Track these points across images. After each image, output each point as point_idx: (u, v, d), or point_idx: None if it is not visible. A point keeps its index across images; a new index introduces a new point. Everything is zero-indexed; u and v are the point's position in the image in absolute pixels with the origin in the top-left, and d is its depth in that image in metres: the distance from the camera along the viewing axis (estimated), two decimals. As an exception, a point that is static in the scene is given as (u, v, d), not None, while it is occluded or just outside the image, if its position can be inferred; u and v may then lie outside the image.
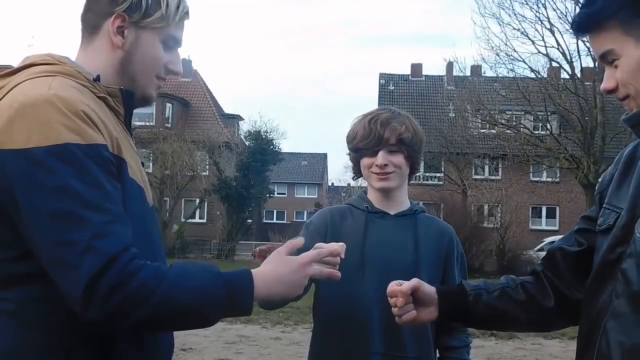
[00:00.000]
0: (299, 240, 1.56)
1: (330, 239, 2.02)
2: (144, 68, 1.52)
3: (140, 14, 1.47)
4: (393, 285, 1.68)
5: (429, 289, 1.72)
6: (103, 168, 1.33)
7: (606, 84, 1.46)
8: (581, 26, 1.50)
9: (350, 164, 2.26)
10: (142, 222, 1.45)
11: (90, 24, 1.50)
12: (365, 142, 2.11)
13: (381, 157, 2.10)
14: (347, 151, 2.23)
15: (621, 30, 1.41)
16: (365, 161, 2.15)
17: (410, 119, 2.19)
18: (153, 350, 1.48)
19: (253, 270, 1.45)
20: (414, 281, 1.69)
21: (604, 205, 1.57)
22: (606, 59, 1.45)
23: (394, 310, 1.69)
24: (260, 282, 1.42)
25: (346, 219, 2.15)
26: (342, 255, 1.63)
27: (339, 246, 1.62)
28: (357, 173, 2.24)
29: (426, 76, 39.22)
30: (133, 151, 1.54)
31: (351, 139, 2.17)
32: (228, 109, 42.06)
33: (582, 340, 1.53)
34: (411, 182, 2.39)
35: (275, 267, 1.47)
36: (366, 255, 2.05)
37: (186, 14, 1.56)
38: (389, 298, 1.69)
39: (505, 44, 24.58)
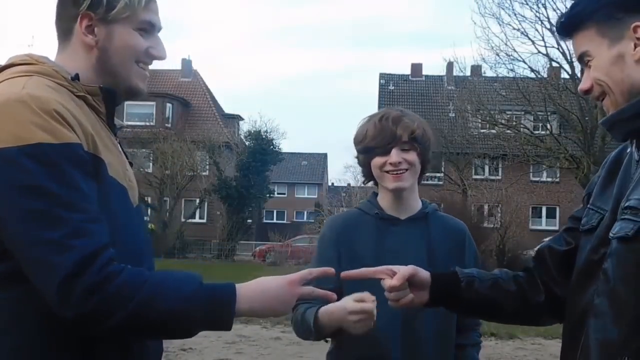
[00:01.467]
0: (327, 270, 1.56)
1: (344, 250, 2.02)
2: (122, 59, 1.50)
3: (104, 9, 1.46)
4: (383, 269, 1.70)
5: (424, 274, 1.74)
6: (78, 167, 1.32)
7: (582, 85, 1.51)
8: (563, 29, 1.56)
9: (350, 164, 2.25)
10: (125, 222, 1.44)
11: (63, 29, 1.50)
12: (377, 140, 2.06)
13: (395, 155, 2.04)
14: (355, 154, 2.16)
15: (597, 32, 1.46)
16: (377, 160, 2.07)
17: (419, 117, 2.17)
18: (139, 354, 1.46)
19: (238, 285, 1.42)
20: (411, 267, 1.71)
21: (588, 206, 1.61)
22: (583, 60, 1.51)
23: (389, 295, 1.69)
24: (243, 297, 1.39)
25: (357, 228, 2.10)
26: (334, 275, 1.59)
27: (332, 271, 1.58)
28: (368, 176, 2.17)
29: (426, 76, 39.23)
30: (116, 150, 1.52)
31: (360, 140, 2.11)
32: (228, 109, 42.10)
33: (567, 338, 1.57)
34: (411, 182, 2.33)
35: (263, 282, 1.45)
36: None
37: None
38: (382, 282, 1.69)
39: (505, 44, 24.56)
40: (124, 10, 1.47)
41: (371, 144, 2.07)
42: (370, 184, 2.21)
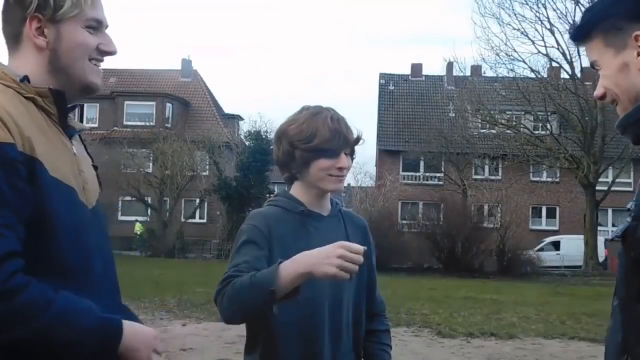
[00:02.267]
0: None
1: (276, 244, 1.99)
2: (73, 58, 1.51)
3: (52, 9, 1.47)
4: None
5: None
6: (4, 167, 1.31)
7: (596, 92, 1.56)
8: (573, 37, 1.63)
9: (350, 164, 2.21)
10: (69, 223, 1.43)
11: (12, 35, 1.50)
12: (330, 143, 2.03)
13: (345, 159, 2.06)
14: (287, 148, 2.08)
15: (603, 42, 1.51)
16: (323, 162, 2.04)
17: None
18: None
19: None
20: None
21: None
22: (594, 68, 1.57)
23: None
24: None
25: (283, 224, 2.07)
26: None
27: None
28: (299, 174, 2.12)
29: (426, 76, 39.24)
30: (66, 150, 1.50)
31: (309, 139, 2.03)
32: (228, 109, 42.12)
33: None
34: (411, 182, 2.37)
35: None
36: None
37: None
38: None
39: (505, 44, 24.68)
40: (71, 9, 1.48)
41: (324, 146, 2.03)
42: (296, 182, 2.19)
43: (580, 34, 1.57)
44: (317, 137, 2.02)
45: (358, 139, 2.12)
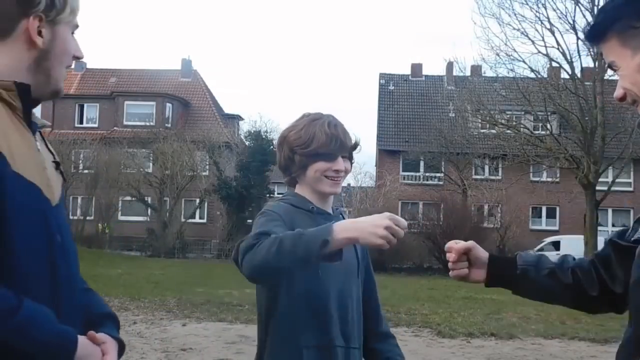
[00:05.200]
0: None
1: None
2: (59, 62, 1.53)
3: (56, 12, 1.48)
4: (450, 242, 1.85)
5: (482, 253, 1.86)
6: None
7: (615, 93, 1.55)
8: (588, 38, 1.61)
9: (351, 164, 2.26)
10: (34, 219, 1.40)
11: (0, 28, 1.48)
12: (328, 147, 2.13)
13: (342, 163, 2.16)
14: (288, 151, 2.17)
15: (619, 43, 1.48)
16: (320, 165, 2.14)
17: None
18: None
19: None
20: (470, 243, 1.84)
21: None
22: (612, 69, 1.54)
23: (449, 265, 1.84)
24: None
25: (298, 219, 2.13)
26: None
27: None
28: (298, 178, 2.20)
29: (426, 76, 39.22)
30: (30, 146, 1.47)
31: (307, 144, 2.14)
32: (228, 109, 42.11)
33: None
34: (411, 182, 2.42)
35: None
36: None
37: None
38: (447, 254, 1.83)
39: (505, 44, 24.54)
40: (70, 14, 1.51)
41: (321, 150, 2.13)
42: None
43: (594, 34, 1.55)
44: (314, 142, 2.13)
45: (355, 145, 2.23)
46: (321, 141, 2.13)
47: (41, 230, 1.41)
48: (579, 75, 25.01)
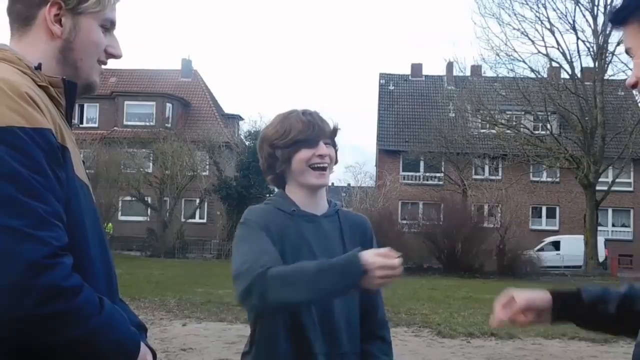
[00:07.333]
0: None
1: (276, 242, 2.00)
2: (86, 54, 1.47)
3: (76, 0, 1.43)
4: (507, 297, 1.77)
5: (542, 300, 1.75)
6: (48, 154, 1.25)
7: (628, 80, 1.51)
8: (611, 19, 1.56)
9: (350, 164, 2.24)
10: (94, 221, 1.39)
11: (22, 16, 1.43)
12: (306, 133, 2.08)
13: (324, 147, 2.09)
14: (269, 150, 2.13)
15: (638, 29, 1.44)
16: (304, 153, 2.08)
17: None
18: None
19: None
20: (524, 300, 1.75)
21: None
22: (629, 55, 1.50)
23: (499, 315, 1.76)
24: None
25: (278, 221, 2.08)
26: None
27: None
28: (284, 174, 2.15)
29: (426, 76, 39.24)
30: (74, 145, 1.43)
31: (285, 135, 2.09)
32: (228, 109, 42.10)
33: None
34: (411, 182, 2.38)
35: None
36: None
37: None
38: (500, 307, 1.76)
39: (505, 44, 24.68)
40: (94, 5, 1.45)
41: (300, 137, 2.08)
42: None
43: (618, 17, 1.50)
44: (292, 131, 2.09)
45: (335, 130, 2.16)
46: (299, 128, 2.08)
47: (100, 232, 1.42)
48: (579, 75, 25.02)
